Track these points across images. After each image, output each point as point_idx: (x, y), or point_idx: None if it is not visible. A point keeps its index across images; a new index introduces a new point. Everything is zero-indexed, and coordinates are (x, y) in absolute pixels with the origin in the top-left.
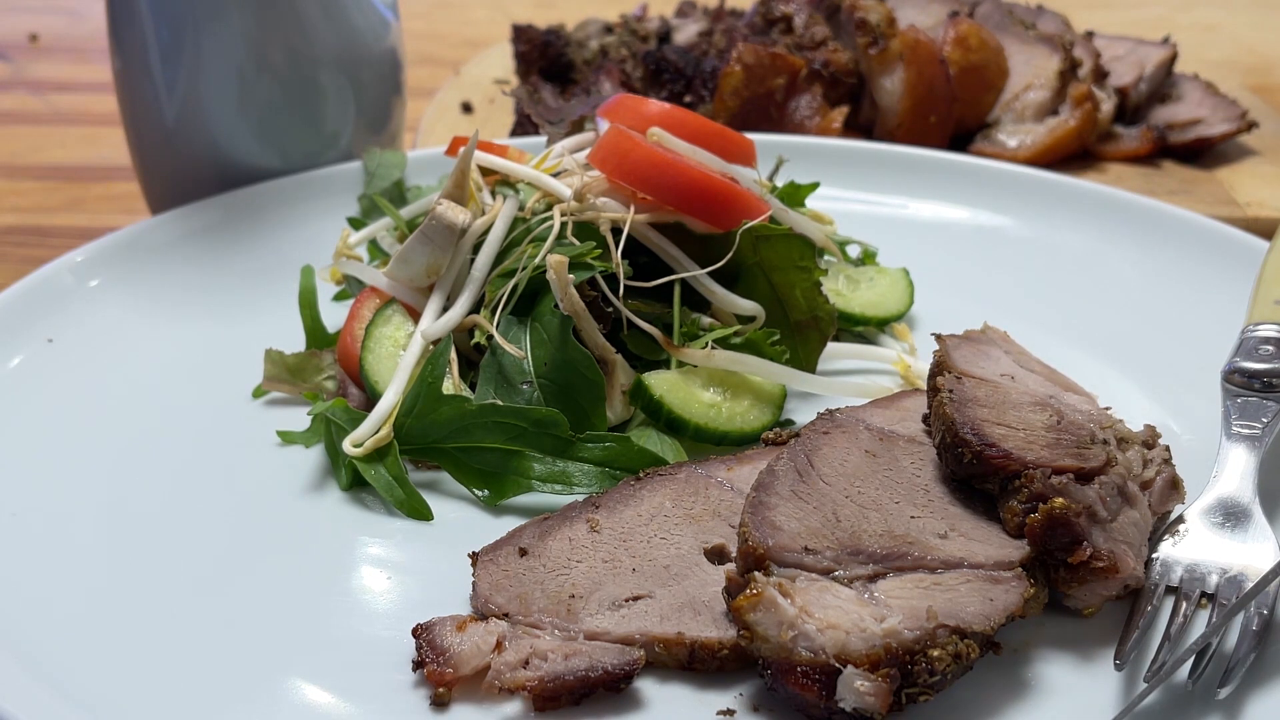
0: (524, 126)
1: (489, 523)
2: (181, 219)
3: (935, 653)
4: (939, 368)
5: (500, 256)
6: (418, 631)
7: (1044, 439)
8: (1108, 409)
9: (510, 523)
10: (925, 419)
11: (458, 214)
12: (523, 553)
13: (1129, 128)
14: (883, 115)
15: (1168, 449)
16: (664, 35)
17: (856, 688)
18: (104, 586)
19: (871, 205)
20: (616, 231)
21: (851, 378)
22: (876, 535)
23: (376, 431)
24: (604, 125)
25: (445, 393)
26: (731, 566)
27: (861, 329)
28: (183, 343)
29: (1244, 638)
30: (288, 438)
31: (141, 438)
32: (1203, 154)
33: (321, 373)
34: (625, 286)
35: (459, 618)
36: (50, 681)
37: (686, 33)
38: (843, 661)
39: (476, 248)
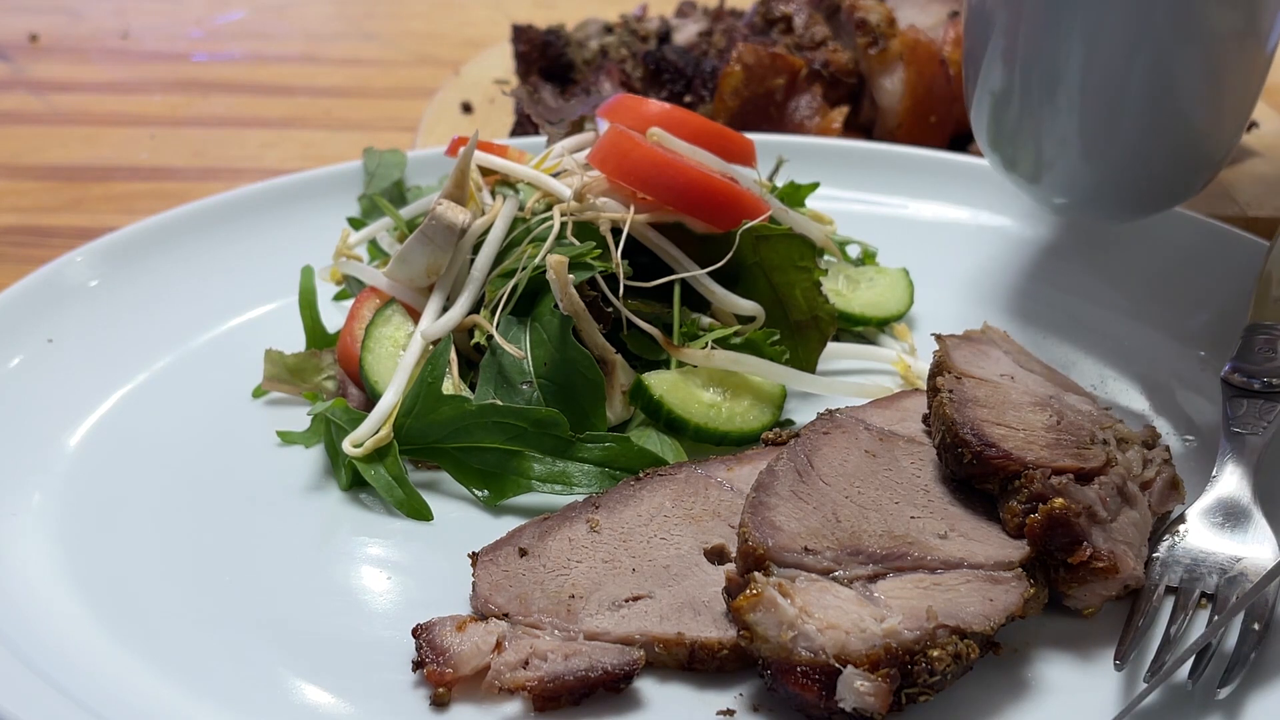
0: (524, 126)
1: (489, 523)
2: (181, 219)
3: (935, 653)
4: (939, 368)
5: (500, 256)
6: (418, 631)
7: (1044, 439)
8: (1108, 409)
9: (510, 523)
10: (925, 419)
11: (458, 214)
12: (523, 553)
13: None
14: (883, 115)
15: (1168, 449)
16: (664, 35)
17: (856, 688)
18: (103, 586)
19: (871, 205)
20: (616, 231)
21: (851, 378)
22: (876, 535)
23: (376, 431)
24: (604, 125)
25: (445, 393)
26: (731, 566)
27: (861, 329)
28: (182, 343)
29: (1244, 638)
30: (288, 438)
31: (141, 438)
32: None
33: (321, 373)
34: (625, 286)
35: (459, 618)
36: (50, 681)
37: (686, 33)
38: (843, 661)
39: (476, 248)
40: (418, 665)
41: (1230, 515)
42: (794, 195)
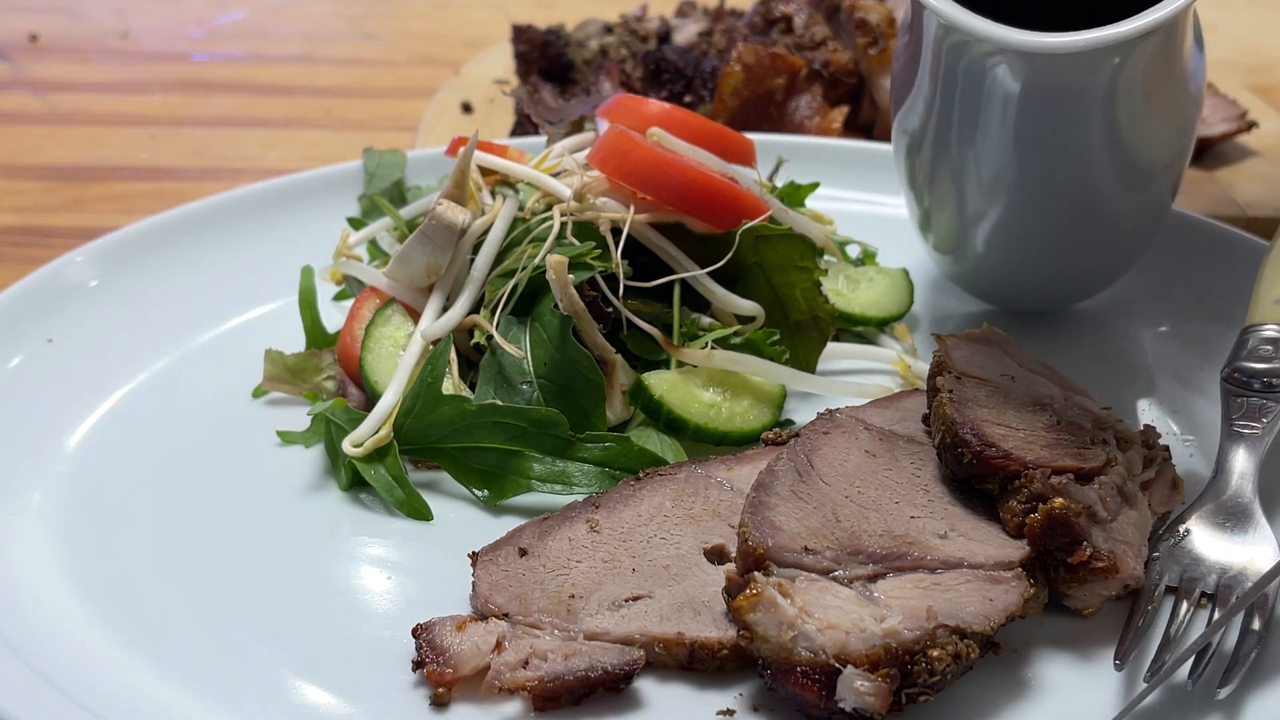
0: (524, 126)
1: (489, 523)
2: (181, 219)
3: (935, 653)
4: (939, 368)
5: (500, 256)
6: (418, 631)
7: (1044, 439)
8: (1108, 409)
9: (510, 523)
10: (925, 419)
11: (457, 214)
12: (523, 553)
13: None
14: (883, 115)
15: (1168, 449)
16: (664, 35)
17: (856, 688)
18: (103, 586)
19: (871, 205)
20: (616, 231)
21: (851, 378)
22: (876, 535)
23: (376, 431)
24: (604, 125)
25: (445, 393)
26: (731, 566)
27: (861, 329)
28: (182, 343)
29: (1244, 638)
30: (288, 438)
31: (141, 438)
32: (1203, 154)
33: (321, 373)
34: (625, 286)
35: (459, 618)
36: (50, 681)
37: (686, 33)
38: (843, 661)
39: (476, 248)
40: (418, 665)
41: (1230, 515)
42: (794, 195)
